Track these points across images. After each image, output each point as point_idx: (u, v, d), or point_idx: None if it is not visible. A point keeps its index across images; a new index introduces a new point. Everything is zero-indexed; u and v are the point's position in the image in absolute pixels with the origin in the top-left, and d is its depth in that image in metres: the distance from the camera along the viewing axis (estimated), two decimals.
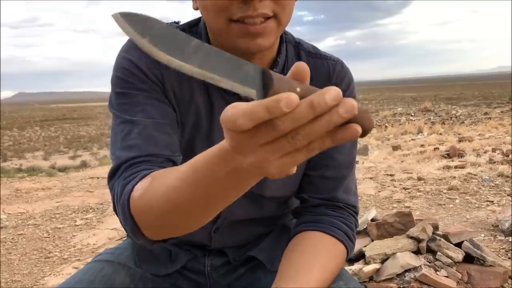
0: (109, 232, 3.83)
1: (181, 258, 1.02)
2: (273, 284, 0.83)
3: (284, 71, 0.95)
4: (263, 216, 1.02)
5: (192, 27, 0.95)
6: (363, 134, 0.49)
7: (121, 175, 0.78)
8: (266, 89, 0.46)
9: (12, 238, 3.83)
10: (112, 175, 0.81)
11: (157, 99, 0.86)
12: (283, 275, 0.84)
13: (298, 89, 0.45)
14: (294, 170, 0.50)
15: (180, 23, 0.97)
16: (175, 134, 0.86)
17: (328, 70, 0.96)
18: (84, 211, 4.54)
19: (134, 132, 0.82)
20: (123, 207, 0.74)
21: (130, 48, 0.89)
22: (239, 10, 0.76)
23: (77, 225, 4.11)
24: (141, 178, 0.74)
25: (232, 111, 0.44)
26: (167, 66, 0.87)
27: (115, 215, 0.79)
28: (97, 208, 4.57)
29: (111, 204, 0.79)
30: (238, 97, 0.92)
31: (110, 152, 0.85)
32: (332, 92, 0.43)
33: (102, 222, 4.15)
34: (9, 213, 4.62)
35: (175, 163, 0.83)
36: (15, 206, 4.93)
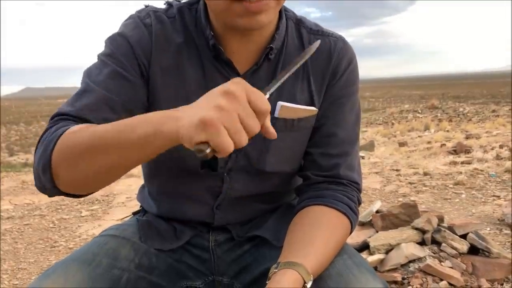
0: (114, 223, 3.85)
1: (185, 234, 1.03)
2: (278, 260, 0.83)
3: (283, 48, 0.95)
4: (265, 191, 1.02)
5: (192, 5, 0.96)
6: None
7: (60, 122, 0.83)
8: None
9: (18, 228, 3.86)
10: (51, 118, 0.86)
11: (127, 78, 0.88)
12: (287, 249, 0.85)
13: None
14: None
15: (182, 1, 0.98)
16: (123, 113, 0.87)
17: (329, 47, 0.96)
18: (89, 202, 4.56)
19: (85, 96, 0.86)
20: (52, 140, 0.78)
21: (129, 18, 0.94)
22: None
23: (83, 216, 4.13)
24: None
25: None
26: (157, 40, 0.89)
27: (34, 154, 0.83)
28: (102, 200, 4.59)
29: (36, 147, 0.83)
30: (236, 74, 0.92)
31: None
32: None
33: (108, 213, 4.18)
34: (16, 204, 4.66)
35: None
36: (21, 197, 4.96)
